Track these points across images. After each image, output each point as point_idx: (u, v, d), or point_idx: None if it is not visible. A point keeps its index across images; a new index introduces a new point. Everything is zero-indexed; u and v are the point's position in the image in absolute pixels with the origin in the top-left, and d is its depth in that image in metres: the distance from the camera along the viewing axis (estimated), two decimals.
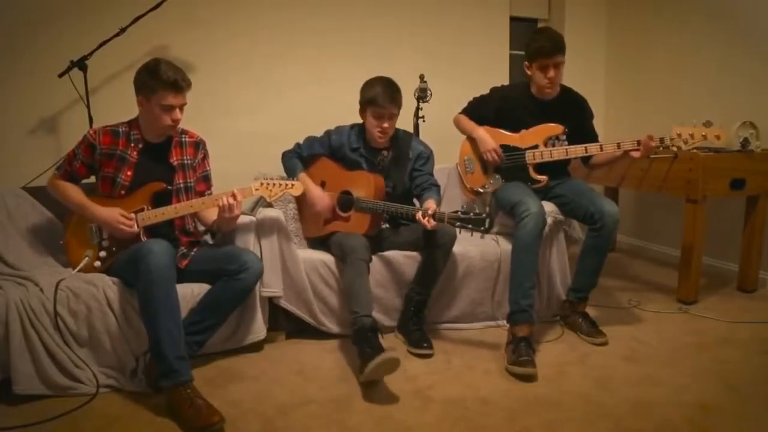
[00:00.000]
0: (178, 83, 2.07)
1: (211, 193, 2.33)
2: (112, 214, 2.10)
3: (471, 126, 2.76)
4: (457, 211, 2.16)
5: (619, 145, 2.49)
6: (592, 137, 2.70)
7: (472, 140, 2.78)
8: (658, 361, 2.26)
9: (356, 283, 2.25)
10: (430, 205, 2.34)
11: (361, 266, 2.28)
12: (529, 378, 2.12)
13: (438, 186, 2.59)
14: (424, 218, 2.21)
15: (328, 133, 2.67)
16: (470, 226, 2.12)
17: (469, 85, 2.97)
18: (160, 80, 2.04)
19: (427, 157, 2.63)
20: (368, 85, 2.48)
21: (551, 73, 2.52)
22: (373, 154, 2.59)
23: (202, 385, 1.94)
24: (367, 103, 2.46)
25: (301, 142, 2.69)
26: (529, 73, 2.61)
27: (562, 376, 2.15)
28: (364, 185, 2.49)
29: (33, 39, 2.83)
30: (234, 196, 2.12)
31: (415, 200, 2.62)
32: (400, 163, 2.58)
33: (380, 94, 2.41)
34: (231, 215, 2.13)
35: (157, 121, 2.11)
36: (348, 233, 2.43)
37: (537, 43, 2.52)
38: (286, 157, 2.65)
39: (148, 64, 2.09)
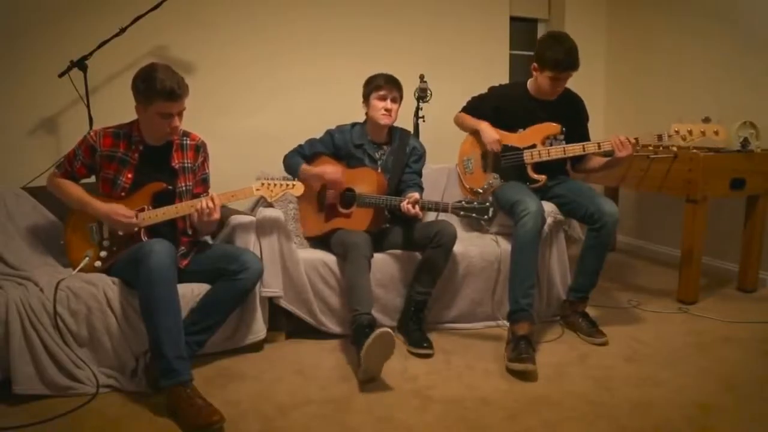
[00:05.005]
0: (175, 91, 2.02)
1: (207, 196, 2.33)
2: (112, 207, 2.10)
3: (474, 121, 2.76)
4: (460, 201, 2.19)
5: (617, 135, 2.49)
6: (585, 140, 2.70)
7: (472, 139, 2.78)
8: (658, 361, 2.26)
9: (357, 279, 2.26)
10: (414, 194, 2.38)
11: (363, 263, 2.29)
12: (529, 375, 2.12)
13: (422, 187, 2.64)
14: (411, 207, 2.27)
15: (329, 132, 2.69)
16: (474, 215, 2.15)
17: (469, 85, 2.98)
18: (155, 89, 2.00)
19: (420, 155, 2.68)
20: (370, 78, 2.61)
21: (560, 85, 2.54)
22: (374, 149, 2.64)
23: (202, 385, 1.94)
24: (371, 90, 2.56)
25: (302, 143, 2.70)
26: (534, 74, 2.60)
27: (562, 376, 2.15)
28: (367, 181, 2.50)
29: (33, 39, 2.83)
30: (212, 199, 2.12)
31: None
32: (398, 158, 2.62)
33: (382, 79, 2.56)
34: (209, 219, 2.13)
35: (156, 128, 2.11)
36: (350, 230, 2.43)
37: (554, 54, 2.43)
38: (288, 157, 2.67)
39: (143, 71, 2.05)
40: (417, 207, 2.28)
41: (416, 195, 2.35)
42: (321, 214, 2.65)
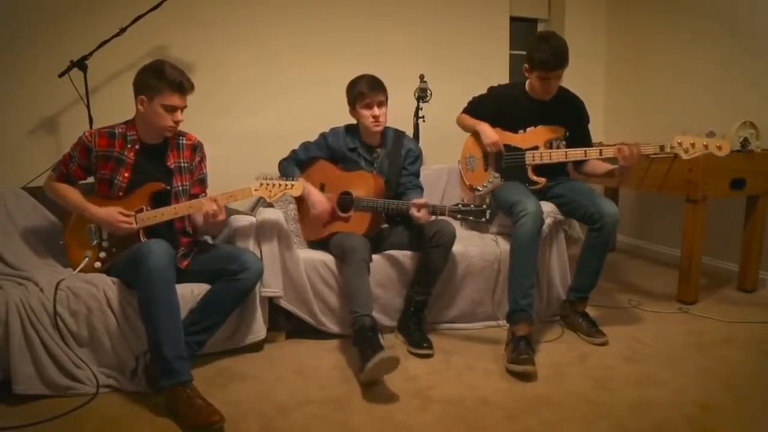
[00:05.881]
0: (184, 85, 2.09)
1: (205, 196, 2.33)
2: (110, 213, 2.10)
3: (474, 121, 2.76)
4: (457, 204, 2.19)
5: (620, 150, 2.49)
6: (586, 142, 2.70)
7: (475, 137, 2.78)
8: (658, 361, 2.26)
9: (356, 282, 2.25)
10: (421, 199, 2.36)
11: (362, 266, 2.28)
12: (529, 376, 2.12)
13: (421, 188, 2.62)
14: (418, 212, 2.24)
15: (323, 135, 2.68)
16: (471, 217, 2.15)
17: (469, 85, 2.98)
18: (166, 81, 2.05)
19: (416, 156, 2.66)
20: (351, 84, 2.56)
21: (551, 84, 2.53)
22: (368, 152, 2.62)
23: (202, 385, 1.94)
24: (355, 98, 2.52)
25: (296, 148, 2.69)
26: (526, 75, 2.60)
27: (562, 376, 2.15)
28: (364, 185, 2.49)
29: (33, 39, 2.83)
30: (215, 201, 2.13)
31: None
32: (394, 160, 2.60)
33: (364, 86, 2.49)
34: (215, 220, 2.14)
35: (159, 121, 2.11)
36: (348, 233, 2.43)
37: (541, 54, 2.44)
38: (283, 165, 2.67)
39: (152, 65, 2.09)
40: (423, 211, 2.26)
41: (423, 200, 2.32)
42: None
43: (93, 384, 1.98)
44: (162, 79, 2.05)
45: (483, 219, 2.14)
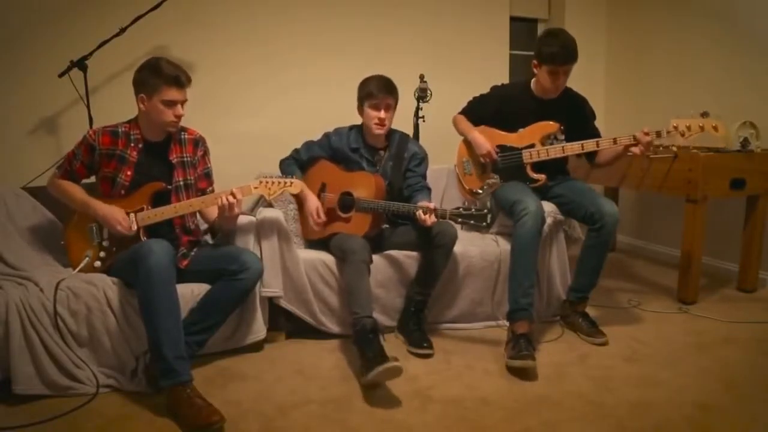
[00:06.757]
0: (180, 78, 2.09)
1: (212, 190, 2.33)
2: (112, 212, 2.11)
3: (467, 128, 2.76)
4: (458, 208, 2.18)
5: (615, 141, 2.49)
6: (595, 137, 2.69)
7: (468, 142, 2.78)
8: (658, 361, 2.26)
9: (357, 284, 2.25)
10: (428, 203, 2.34)
11: (362, 267, 2.28)
12: (529, 372, 2.12)
13: (429, 189, 2.60)
14: (425, 215, 2.22)
15: (327, 135, 2.68)
16: (472, 222, 2.14)
17: (469, 85, 2.97)
18: (162, 76, 2.06)
19: (421, 158, 2.64)
20: (363, 82, 2.55)
21: (560, 79, 2.52)
22: (371, 153, 2.61)
23: (202, 385, 1.94)
24: (364, 97, 2.51)
25: (298, 147, 2.69)
26: (535, 71, 2.59)
27: (562, 376, 2.15)
28: (365, 185, 2.49)
29: (33, 39, 2.83)
30: (233, 194, 2.12)
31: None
32: (397, 163, 2.59)
33: (375, 86, 2.49)
34: (231, 214, 2.14)
35: (160, 117, 2.12)
36: (348, 234, 2.43)
37: (550, 47, 2.44)
38: (284, 165, 2.66)
39: (148, 63, 2.11)
40: (430, 215, 2.22)
41: (430, 204, 2.28)
42: None
43: (93, 384, 1.98)
44: (159, 76, 2.07)
45: (484, 223, 2.13)
